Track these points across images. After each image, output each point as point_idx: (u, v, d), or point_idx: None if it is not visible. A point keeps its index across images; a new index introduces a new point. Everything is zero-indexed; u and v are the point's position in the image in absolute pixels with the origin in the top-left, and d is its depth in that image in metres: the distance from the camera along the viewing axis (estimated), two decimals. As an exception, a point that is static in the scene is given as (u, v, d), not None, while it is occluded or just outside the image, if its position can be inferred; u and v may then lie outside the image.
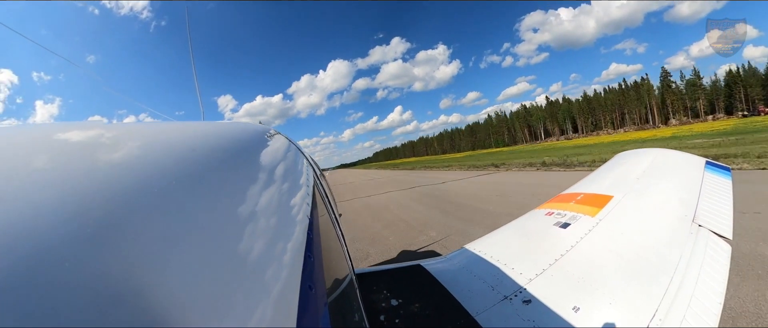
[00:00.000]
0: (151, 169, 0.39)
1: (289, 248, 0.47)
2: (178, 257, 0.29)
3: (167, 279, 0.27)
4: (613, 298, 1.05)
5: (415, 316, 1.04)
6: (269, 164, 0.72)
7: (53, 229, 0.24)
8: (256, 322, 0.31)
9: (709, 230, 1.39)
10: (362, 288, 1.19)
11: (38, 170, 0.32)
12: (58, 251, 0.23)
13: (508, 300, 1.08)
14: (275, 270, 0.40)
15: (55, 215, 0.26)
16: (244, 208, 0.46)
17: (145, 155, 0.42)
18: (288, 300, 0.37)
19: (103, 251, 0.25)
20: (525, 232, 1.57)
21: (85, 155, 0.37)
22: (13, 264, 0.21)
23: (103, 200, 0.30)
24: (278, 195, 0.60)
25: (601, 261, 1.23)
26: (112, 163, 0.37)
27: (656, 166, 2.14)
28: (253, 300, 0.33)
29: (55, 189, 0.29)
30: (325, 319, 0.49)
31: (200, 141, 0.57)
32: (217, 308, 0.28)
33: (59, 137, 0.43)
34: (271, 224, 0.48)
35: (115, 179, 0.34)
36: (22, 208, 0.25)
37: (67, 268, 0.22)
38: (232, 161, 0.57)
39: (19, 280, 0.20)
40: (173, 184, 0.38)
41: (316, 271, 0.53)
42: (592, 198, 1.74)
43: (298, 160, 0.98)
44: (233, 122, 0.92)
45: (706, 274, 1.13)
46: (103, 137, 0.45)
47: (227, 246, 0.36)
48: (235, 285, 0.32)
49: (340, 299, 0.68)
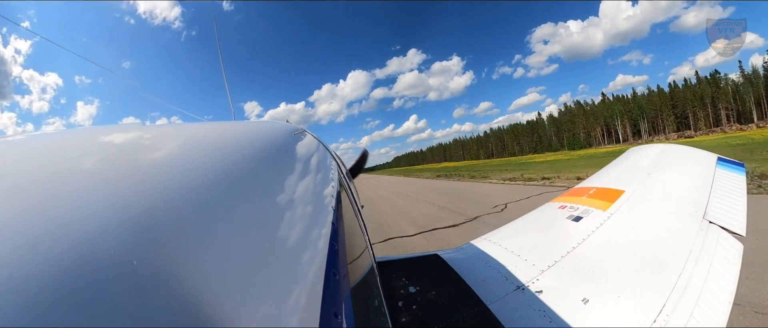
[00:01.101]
0: (192, 167, 0.41)
1: (316, 237, 0.49)
2: (222, 243, 0.31)
3: (212, 266, 0.28)
4: (622, 292, 1.06)
5: (431, 303, 1.07)
6: (298, 160, 0.73)
7: (102, 225, 0.26)
8: (287, 303, 0.33)
9: (721, 226, 1.38)
10: (382, 275, 1.22)
11: (86, 171, 0.33)
12: (108, 246, 0.24)
13: (521, 290, 1.10)
14: (304, 258, 0.42)
15: (103, 213, 0.27)
16: (276, 201, 0.48)
17: (184, 154, 0.44)
18: (314, 285, 0.39)
19: (153, 243, 0.27)
20: (538, 224, 1.57)
21: (129, 156, 0.39)
22: (68, 260, 0.22)
23: (151, 196, 0.31)
24: (306, 189, 0.62)
25: (612, 255, 1.24)
26: (155, 162, 0.38)
27: (667, 162, 2.10)
28: (284, 284, 0.34)
29: (103, 188, 0.30)
30: (348, 303, 0.50)
31: (235, 140, 0.59)
32: (255, 291, 0.30)
33: (104, 140, 0.45)
34: (299, 215, 0.50)
35: (160, 177, 0.35)
36: (73, 207, 0.27)
37: (117, 261, 0.24)
38: (264, 158, 0.59)
39: (73, 275, 0.21)
40: (214, 180, 0.40)
41: (340, 259, 0.54)
42: (604, 192, 1.72)
43: (325, 156, 0.99)
44: (264, 121, 0.93)
45: (716, 271, 1.12)
46: (144, 138, 0.46)
47: (262, 236, 0.38)
48: (270, 271, 0.34)
49: (361, 285, 0.70)
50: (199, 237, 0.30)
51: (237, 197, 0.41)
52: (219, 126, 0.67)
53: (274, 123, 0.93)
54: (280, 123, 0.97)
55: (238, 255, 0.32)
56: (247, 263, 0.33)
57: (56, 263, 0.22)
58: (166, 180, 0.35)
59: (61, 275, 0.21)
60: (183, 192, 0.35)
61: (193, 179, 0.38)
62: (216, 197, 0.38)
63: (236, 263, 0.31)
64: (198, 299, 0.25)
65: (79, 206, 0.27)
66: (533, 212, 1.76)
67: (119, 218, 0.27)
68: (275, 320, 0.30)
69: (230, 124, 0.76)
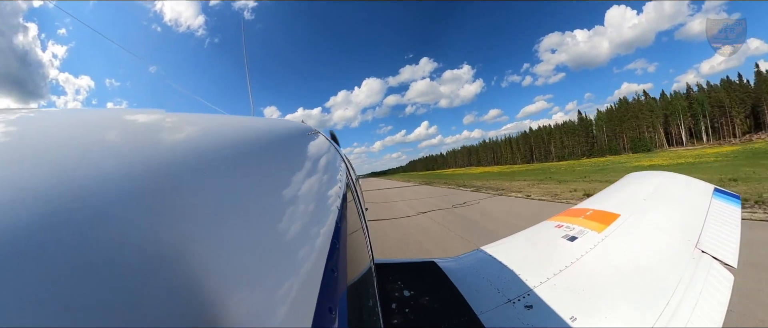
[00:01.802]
0: (206, 153, 0.40)
1: (319, 234, 0.50)
2: (226, 230, 0.32)
3: (212, 251, 0.29)
4: (611, 313, 1.06)
5: (424, 308, 1.09)
6: (309, 158, 0.75)
7: (109, 189, 0.26)
8: (283, 294, 0.33)
9: (713, 256, 1.38)
10: (380, 277, 1.23)
11: (104, 147, 0.34)
12: (115, 213, 0.25)
13: (512, 303, 1.11)
14: (306, 253, 0.42)
15: (116, 185, 0.27)
16: (284, 195, 0.49)
17: (200, 140, 0.44)
18: (312, 280, 0.39)
19: (159, 216, 0.27)
20: (534, 241, 1.58)
21: (147, 137, 0.38)
22: (79, 233, 0.22)
23: (162, 174, 0.31)
24: (314, 187, 0.63)
25: (603, 276, 1.24)
26: (171, 144, 0.38)
27: (664, 189, 2.10)
28: (283, 276, 0.35)
29: (116, 163, 0.30)
30: (343, 299, 0.51)
31: (251, 132, 0.60)
32: (255, 279, 0.31)
33: (127, 119, 0.45)
34: (305, 211, 0.50)
35: (173, 159, 0.35)
36: (90, 179, 0.27)
37: (119, 225, 0.24)
38: (277, 153, 0.61)
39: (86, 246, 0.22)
40: (226, 167, 0.40)
41: (340, 257, 0.56)
42: (600, 215, 1.73)
43: (334, 157, 1.01)
44: (280, 119, 0.96)
45: (705, 301, 1.12)
46: (165, 122, 0.46)
47: (267, 226, 0.38)
48: (271, 262, 0.35)
49: (358, 284, 0.71)
50: (205, 221, 0.30)
51: (246, 186, 0.41)
52: (237, 119, 0.69)
53: (289, 122, 0.95)
54: (295, 122, 0.99)
55: (242, 243, 0.32)
56: (251, 251, 0.33)
57: (69, 233, 0.22)
58: (179, 163, 0.35)
59: (73, 246, 0.21)
60: (195, 175, 0.35)
61: (206, 164, 0.38)
62: (226, 183, 0.38)
63: (239, 251, 0.31)
64: (200, 281, 0.25)
65: (94, 178, 0.27)
66: (530, 228, 1.77)
67: (127, 191, 0.27)
68: (273, 309, 0.30)
69: (248, 118, 0.78)
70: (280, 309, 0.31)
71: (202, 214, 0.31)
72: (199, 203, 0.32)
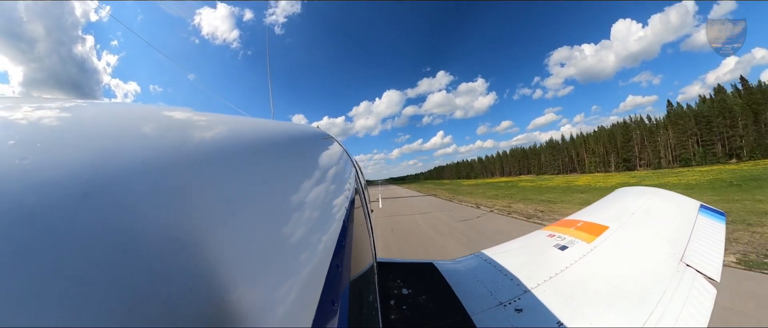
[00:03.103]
0: (225, 149, 0.41)
1: (326, 232, 0.51)
2: (242, 224, 0.33)
3: (228, 242, 0.29)
4: (596, 320, 1.08)
5: (420, 306, 1.12)
6: (321, 161, 0.78)
7: (129, 182, 0.26)
8: (290, 285, 0.34)
9: (696, 270, 1.41)
10: (381, 274, 1.27)
11: (132, 139, 0.34)
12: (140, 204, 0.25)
13: (503, 306, 1.14)
14: (312, 248, 0.43)
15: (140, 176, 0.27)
16: (295, 194, 0.49)
17: (220, 137, 0.44)
18: (318, 274, 0.41)
19: (177, 210, 0.27)
20: (528, 249, 1.61)
21: (175, 132, 0.39)
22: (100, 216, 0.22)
23: (184, 167, 0.32)
24: (324, 188, 0.65)
25: (590, 285, 1.27)
26: (193, 140, 0.39)
27: (652, 204, 2.12)
28: (291, 269, 0.36)
29: (141, 155, 0.30)
30: (345, 294, 0.52)
31: (268, 134, 0.61)
32: (264, 269, 0.32)
33: (161, 114, 0.45)
34: (315, 210, 0.52)
35: (194, 153, 0.36)
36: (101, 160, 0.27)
37: (142, 219, 0.24)
38: (291, 154, 0.62)
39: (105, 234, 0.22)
40: (243, 164, 0.42)
41: (346, 254, 0.58)
42: (590, 226, 1.76)
43: (346, 161, 1.04)
44: (296, 123, 0.99)
45: (688, 313, 1.13)
46: (192, 119, 0.47)
47: (277, 221, 0.39)
48: (280, 255, 0.35)
49: (360, 280, 0.73)
50: (222, 213, 0.31)
51: (262, 183, 0.42)
52: (257, 121, 0.71)
53: (305, 126, 0.99)
54: (310, 127, 1.02)
55: (256, 236, 0.34)
56: (263, 244, 0.34)
57: (96, 216, 0.22)
58: (201, 158, 0.36)
59: (98, 228, 0.22)
60: (214, 171, 0.35)
61: (225, 161, 0.39)
62: (243, 179, 0.39)
63: (252, 244, 0.32)
64: (218, 268, 0.26)
65: (124, 166, 0.28)
66: (525, 236, 1.80)
67: (151, 182, 0.28)
68: (282, 297, 0.32)
69: (267, 121, 0.81)
70: (288, 298, 0.33)
71: (221, 206, 0.32)
72: (218, 195, 0.33)
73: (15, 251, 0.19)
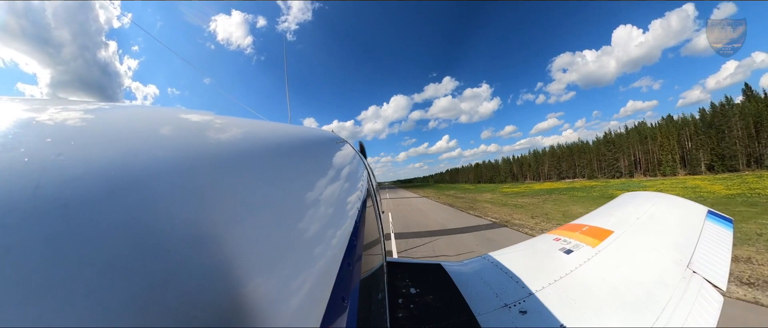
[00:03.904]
0: (244, 152, 0.42)
1: (338, 231, 0.53)
2: (258, 222, 0.34)
3: (246, 239, 0.30)
4: (599, 324, 1.07)
5: (427, 305, 1.13)
6: (335, 163, 0.79)
7: (152, 179, 0.27)
8: (303, 281, 0.35)
9: (703, 277, 1.38)
10: (390, 274, 1.28)
11: (158, 140, 0.35)
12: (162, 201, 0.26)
13: (507, 308, 1.14)
14: (324, 247, 0.44)
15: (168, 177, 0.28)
16: (310, 195, 0.51)
17: (240, 140, 0.45)
18: (329, 271, 0.42)
19: (198, 207, 0.28)
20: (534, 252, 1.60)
21: (193, 134, 0.39)
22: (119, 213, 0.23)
23: (205, 167, 0.33)
24: (337, 189, 0.66)
25: (594, 289, 1.25)
26: (214, 142, 0.40)
27: (657, 209, 2.08)
28: (304, 266, 0.37)
29: (164, 155, 0.31)
30: (355, 291, 0.53)
31: (285, 138, 0.62)
32: (278, 266, 0.33)
33: (181, 116, 0.46)
34: (328, 210, 0.54)
35: (215, 155, 0.37)
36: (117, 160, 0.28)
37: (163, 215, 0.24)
38: (307, 157, 0.64)
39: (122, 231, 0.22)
40: (261, 166, 0.43)
41: (356, 253, 0.59)
42: (595, 231, 1.75)
43: (358, 164, 1.06)
44: (312, 127, 1.01)
45: (694, 320, 1.11)
46: (214, 122, 0.48)
47: (292, 221, 0.40)
48: (294, 252, 0.37)
49: (370, 278, 0.74)
50: (240, 212, 0.32)
51: (278, 184, 0.43)
52: (275, 125, 0.72)
53: (320, 130, 1.00)
54: (325, 131, 1.04)
55: (271, 235, 0.35)
56: (278, 242, 0.35)
57: (121, 211, 0.23)
58: (221, 159, 0.36)
59: (125, 223, 0.23)
60: (234, 172, 0.36)
61: (244, 162, 0.40)
62: (261, 180, 0.40)
63: (268, 242, 0.33)
64: (236, 263, 0.27)
65: (149, 165, 0.28)
66: (531, 240, 1.79)
67: (177, 182, 0.29)
68: (295, 292, 0.33)
69: (285, 125, 0.82)
70: (301, 291, 0.34)
71: (240, 205, 0.33)
72: (238, 195, 0.34)
73: (48, 238, 0.20)
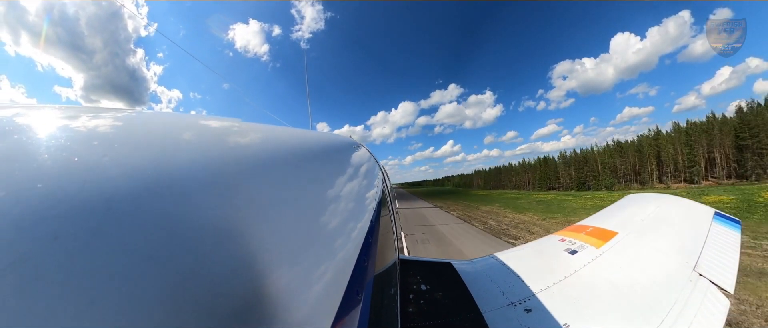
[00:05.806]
0: (269, 156, 0.44)
1: (355, 230, 0.54)
2: (282, 220, 0.35)
3: (270, 236, 0.32)
4: (603, 324, 1.05)
5: (437, 301, 1.15)
6: (352, 167, 0.82)
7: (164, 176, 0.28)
8: (319, 274, 0.36)
9: (710, 280, 1.33)
10: (402, 270, 1.30)
11: (186, 145, 0.36)
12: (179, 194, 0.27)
13: (513, 306, 1.14)
14: (341, 244, 0.46)
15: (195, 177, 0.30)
16: (329, 195, 0.53)
17: (264, 145, 0.47)
18: (346, 267, 0.43)
19: (226, 204, 0.29)
20: (540, 252, 1.60)
21: (220, 139, 0.41)
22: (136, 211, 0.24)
23: (233, 170, 0.34)
24: (355, 191, 0.69)
25: (598, 289, 1.24)
26: (240, 147, 0.41)
27: (663, 211, 2.01)
28: (322, 261, 0.38)
29: (190, 157, 0.33)
30: (369, 286, 0.54)
31: (308, 143, 0.65)
32: (299, 260, 0.34)
33: (208, 124, 0.48)
34: (346, 210, 0.56)
35: (242, 158, 0.38)
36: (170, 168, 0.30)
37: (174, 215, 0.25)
38: (327, 160, 0.67)
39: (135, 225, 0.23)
40: (285, 169, 0.45)
41: (372, 250, 0.61)
42: (599, 232, 1.72)
43: (374, 166, 1.08)
44: (331, 133, 1.04)
45: (699, 324, 1.07)
46: (240, 128, 0.50)
47: (313, 219, 0.42)
48: (314, 248, 0.38)
49: (383, 274, 0.76)
50: (266, 211, 0.34)
51: (301, 186, 0.45)
52: (297, 131, 0.74)
53: (339, 136, 1.04)
54: (344, 137, 1.07)
55: (293, 232, 0.36)
56: (299, 239, 0.37)
57: (153, 209, 0.24)
58: (248, 163, 0.38)
59: (156, 218, 0.24)
60: (260, 175, 0.38)
61: (270, 166, 0.42)
62: (285, 182, 0.42)
63: (290, 238, 0.35)
64: (262, 257, 0.28)
65: (179, 166, 0.30)
66: (537, 241, 1.79)
67: (203, 180, 0.30)
68: (314, 283, 0.34)
69: (306, 131, 0.84)
70: (320, 284, 0.35)
71: (265, 206, 0.34)
72: (263, 197, 0.35)
73: (92, 229, 0.21)
